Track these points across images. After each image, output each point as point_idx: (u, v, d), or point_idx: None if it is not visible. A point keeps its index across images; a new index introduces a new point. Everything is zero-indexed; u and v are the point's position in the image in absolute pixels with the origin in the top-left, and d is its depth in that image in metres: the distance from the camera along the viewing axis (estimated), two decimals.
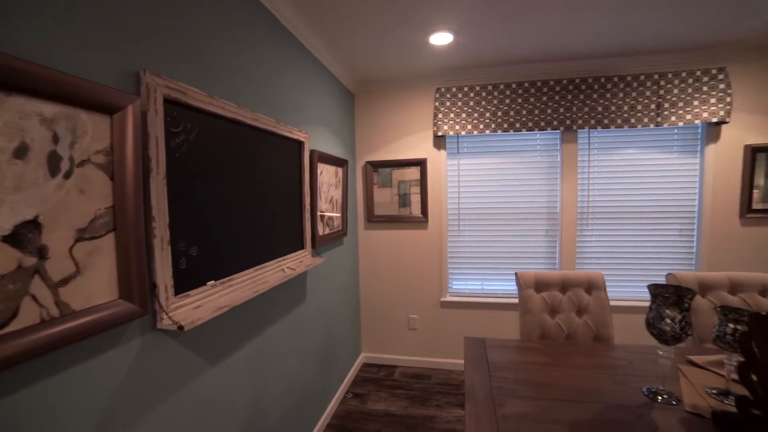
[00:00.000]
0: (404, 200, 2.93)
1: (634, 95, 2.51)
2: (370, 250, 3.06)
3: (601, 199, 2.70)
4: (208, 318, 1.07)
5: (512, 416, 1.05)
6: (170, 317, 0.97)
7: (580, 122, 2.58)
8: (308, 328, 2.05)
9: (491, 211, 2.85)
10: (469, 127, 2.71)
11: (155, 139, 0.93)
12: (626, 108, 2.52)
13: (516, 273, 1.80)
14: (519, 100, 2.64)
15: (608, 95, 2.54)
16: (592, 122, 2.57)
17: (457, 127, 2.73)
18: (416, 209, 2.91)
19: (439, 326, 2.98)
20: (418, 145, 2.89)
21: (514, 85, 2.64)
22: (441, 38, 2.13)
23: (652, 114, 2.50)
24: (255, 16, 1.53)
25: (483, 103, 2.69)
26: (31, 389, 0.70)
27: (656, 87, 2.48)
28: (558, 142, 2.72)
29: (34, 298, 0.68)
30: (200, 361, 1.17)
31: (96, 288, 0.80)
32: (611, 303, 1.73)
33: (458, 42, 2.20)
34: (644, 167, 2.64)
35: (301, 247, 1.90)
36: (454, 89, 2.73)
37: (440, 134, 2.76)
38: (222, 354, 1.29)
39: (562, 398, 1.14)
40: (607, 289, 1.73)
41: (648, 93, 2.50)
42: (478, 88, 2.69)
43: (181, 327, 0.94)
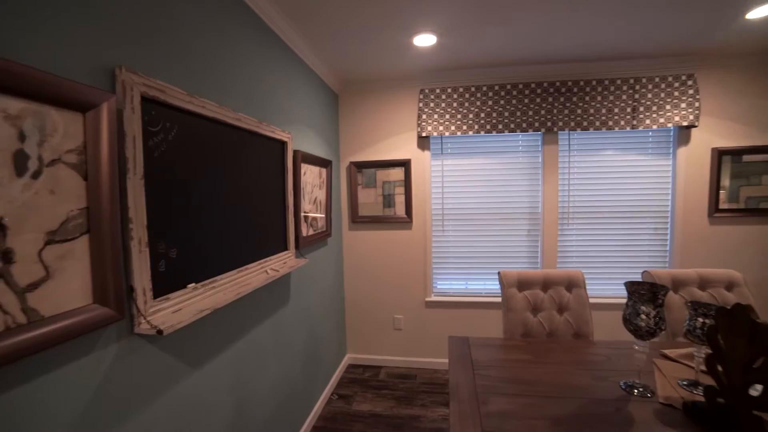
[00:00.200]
0: (388, 201, 2.94)
1: (612, 99, 2.59)
2: (355, 251, 3.05)
3: (581, 200, 2.78)
4: (189, 321, 1.04)
5: (496, 413, 1.07)
6: (148, 321, 0.94)
7: (561, 124, 2.64)
8: (292, 330, 2.03)
9: (475, 212, 2.88)
10: (453, 128, 2.74)
11: (132, 139, 0.90)
12: (604, 111, 2.60)
13: (499, 272, 1.83)
14: (501, 102, 2.69)
15: (587, 98, 2.61)
16: (572, 124, 2.63)
17: (441, 128, 2.75)
18: (400, 210, 2.92)
19: (424, 326, 3.00)
20: (403, 146, 2.90)
21: (497, 87, 2.69)
22: (424, 40, 2.14)
23: (628, 117, 2.58)
24: (238, 16, 1.51)
25: (466, 105, 2.72)
26: None
27: (632, 91, 2.57)
28: (539, 144, 2.77)
29: None
30: (181, 366, 1.14)
31: (68, 293, 0.77)
32: (591, 300, 1.78)
33: (441, 44, 2.22)
34: (621, 168, 2.73)
35: (285, 249, 1.88)
36: (438, 90, 2.75)
37: (424, 135, 2.77)
38: (204, 357, 1.26)
39: (544, 394, 1.16)
40: (587, 287, 1.78)
41: (624, 97, 2.58)
42: (462, 90, 2.72)
43: (160, 331, 0.91)
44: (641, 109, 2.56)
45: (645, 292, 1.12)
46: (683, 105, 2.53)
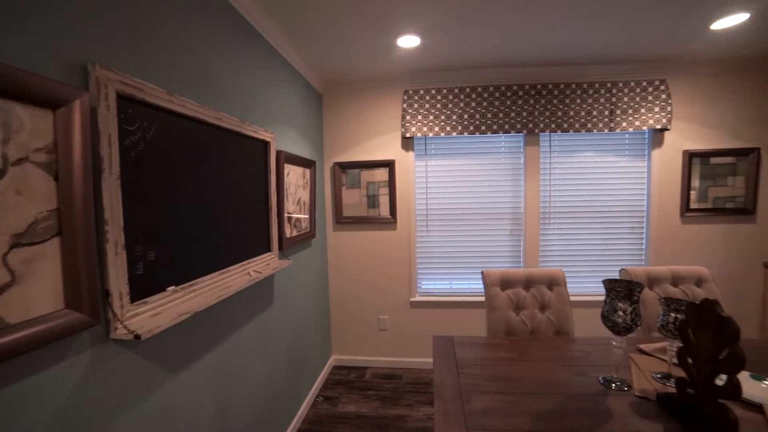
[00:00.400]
0: (373, 201, 2.93)
1: (590, 102, 2.67)
2: (339, 252, 3.03)
3: (562, 200, 2.84)
4: (169, 325, 1.02)
5: (479, 411, 1.08)
6: (125, 326, 0.91)
7: (542, 126, 2.70)
8: (276, 332, 2.00)
9: (459, 212, 2.91)
10: (437, 129, 2.76)
11: (107, 137, 0.87)
12: (583, 113, 2.67)
13: (482, 272, 1.85)
14: (484, 104, 2.72)
15: (567, 101, 2.68)
16: (553, 126, 2.70)
17: (425, 129, 2.77)
18: (385, 210, 2.93)
19: (409, 326, 3.01)
20: (387, 147, 2.91)
21: (480, 89, 2.72)
22: (408, 41, 2.15)
23: (606, 120, 2.66)
24: (220, 13, 1.48)
25: (450, 106, 2.75)
26: None
27: (609, 95, 2.65)
28: (521, 145, 2.83)
29: None
30: (161, 371, 1.11)
31: (37, 298, 0.73)
32: (571, 298, 1.82)
33: (425, 45, 2.23)
34: (600, 169, 2.81)
35: (268, 250, 1.85)
36: (422, 91, 2.77)
37: (408, 136, 2.79)
38: (185, 362, 1.23)
39: (527, 391, 1.19)
40: (568, 285, 1.82)
41: (602, 100, 2.66)
42: (445, 91, 2.75)
43: (138, 336, 0.89)
44: (618, 112, 2.65)
45: (622, 290, 1.16)
46: (657, 109, 2.63)
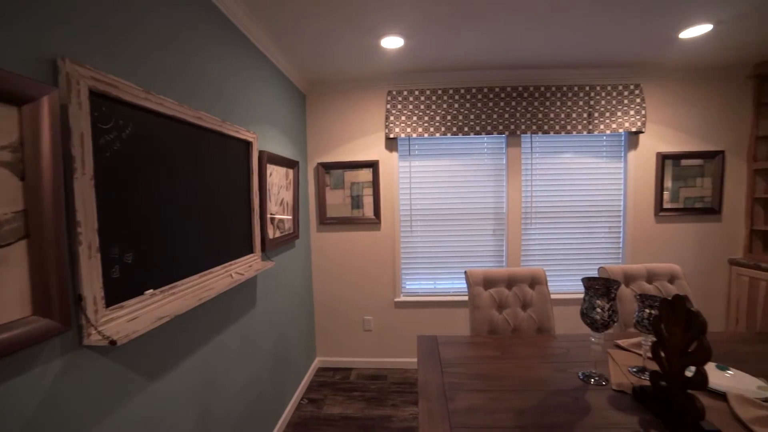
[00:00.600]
0: (357, 202, 2.93)
1: (570, 104, 2.74)
2: (324, 253, 3.01)
3: (543, 200, 2.90)
4: (147, 330, 0.99)
5: (463, 409, 1.09)
6: (99, 332, 0.88)
7: (523, 127, 2.75)
8: (259, 335, 1.97)
9: (442, 212, 2.94)
10: (420, 130, 2.78)
11: (80, 136, 0.83)
12: (563, 116, 2.74)
13: (465, 271, 1.87)
14: (467, 105, 2.76)
15: (547, 103, 2.74)
16: (534, 128, 2.75)
17: (409, 130, 2.78)
18: (369, 211, 2.92)
19: (394, 326, 3.01)
20: (371, 147, 2.91)
21: (463, 91, 2.76)
22: (392, 42, 2.16)
23: (585, 122, 2.74)
24: (203, 13, 1.46)
25: (433, 107, 2.77)
26: None
27: (588, 98, 2.73)
28: (503, 146, 2.88)
29: None
30: (138, 377, 1.08)
31: (1, 304, 0.70)
32: (552, 296, 1.86)
33: (409, 46, 2.24)
34: (579, 170, 2.89)
35: (251, 251, 1.82)
36: (406, 92, 2.78)
37: (392, 136, 2.79)
38: (165, 367, 1.20)
39: (509, 388, 1.20)
40: (549, 284, 1.86)
41: (581, 103, 2.73)
42: (429, 92, 2.77)
43: (113, 342, 0.86)
44: (596, 115, 2.73)
45: (600, 287, 1.19)
46: (632, 112, 2.72)
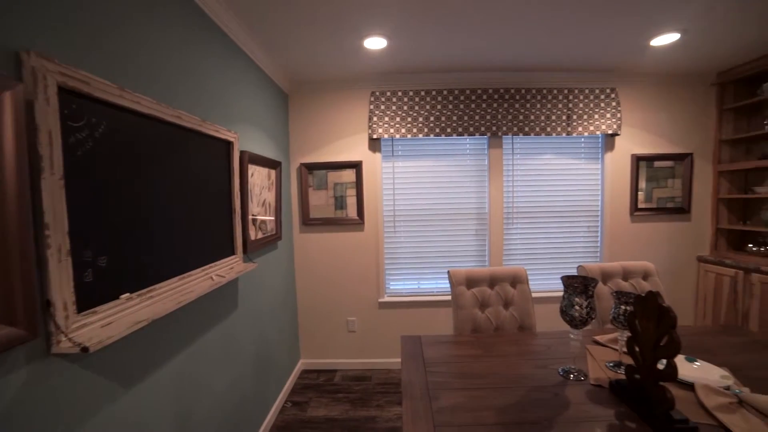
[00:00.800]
0: (340, 202, 2.91)
1: (549, 107, 2.80)
2: (307, 254, 2.99)
3: (524, 200, 2.96)
4: (122, 335, 0.95)
5: (447, 408, 1.10)
6: (70, 339, 0.84)
7: (505, 129, 2.80)
8: (241, 338, 1.94)
9: (425, 213, 2.96)
10: (403, 131, 2.79)
11: (47, 134, 0.80)
12: (543, 118, 2.80)
13: (448, 271, 1.89)
14: (450, 107, 2.79)
15: (528, 105, 2.80)
16: (515, 129, 2.81)
17: (392, 131, 2.79)
18: (352, 211, 2.91)
19: (378, 327, 3.01)
20: (354, 148, 2.90)
21: (445, 92, 2.78)
22: (375, 43, 2.16)
23: (564, 124, 2.81)
24: (183, 11, 1.43)
25: (416, 108, 2.79)
26: None
27: (566, 101, 2.80)
28: (485, 147, 2.92)
29: None
30: (114, 385, 1.04)
31: None
32: (533, 295, 1.90)
33: (391, 47, 2.25)
34: (558, 171, 2.96)
35: (232, 253, 1.79)
36: (389, 93, 2.79)
37: (375, 137, 2.79)
38: (142, 373, 1.16)
39: (492, 386, 1.22)
40: (530, 282, 1.90)
41: (560, 105, 2.80)
42: (412, 93, 2.78)
43: (86, 349, 0.82)
44: (574, 117, 2.80)
45: (578, 285, 1.23)
46: (608, 115, 2.81)
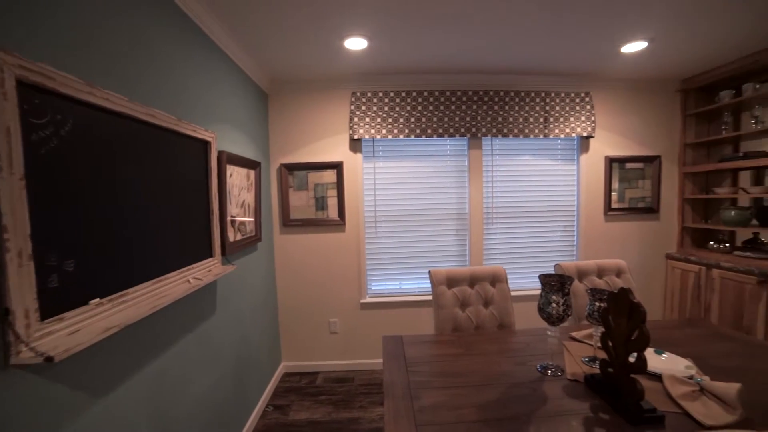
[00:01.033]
0: (321, 203, 2.89)
1: (527, 109, 2.87)
2: (287, 256, 2.95)
3: (503, 201, 3.02)
4: (91, 342, 0.91)
5: (428, 407, 1.11)
6: (32, 348, 0.80)
7: (484, 130, 2.85)
8: (220, 342, 1.89)
9: (406, 213, 2.97)
10: (384, 132, 2.79)
11: (5, 131, 0.76)
12: (521, 120, 2.87)
13: (429, 271, 1.90)
14: (430, 108, 2.81)
15: (507, 107, 2.86)
16: (494, 131, 2.86)
17: (373, 131, 2.79)
18: (333, 212, 2.90)
19: (360, 328, 3.00)
20: (335, 148, 2.88)
21: (426, 93, 2.81)
22: (356, 43, 2.16)
23: (541, 126, 2.88)
24: (159, 7, 1.39)
25: (397, 109, 2.80)
26: None
27: (543, 103, 2.88)
28: (465, 148, 2.96)
29: None
30: (83, 394, 0.99)
31: None
32: (512, 293, 1.94)
33: (372, 48, 2.25)
34: (536, 172, 3.03)
35: (210, 255, 1.75)
36: (370, 94, 2.79)
37: (356, 137, 2.79)
38: (115, 381, 1.11)
39: (472, 384, 1.24)
40: (509, 281, 1.94)
41: (537, 108, 2.88)
42: (393, 94, 2.79)
43: (50, 358, 0.78)
44: (551, 120, 2.88)
45: (555, 283, 1.26)
46: (583, 118, 2.90)
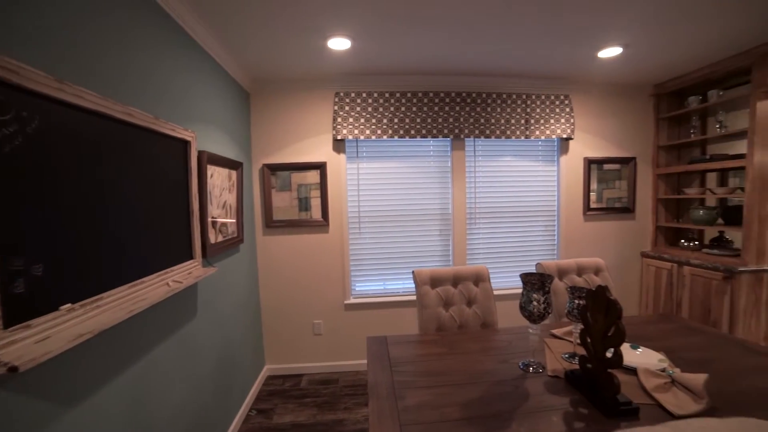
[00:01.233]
0: (304, 204, 2.86)
1: (509, 111, 2.92)
2: (270, 257, 2.91)
3: (486, 201, 3.07)
4: (62, 350, 0.87)
5: (412, 407, 1.11)
6: None
7: (467, 131, 2.89)
8: (201, 347, 1.84)
9: (390, 214, 2.98)
10: (368, 132, 2.79)
11: None
12: (503, 121, 2.92)
13: (413, 271, 1.91)
14: (414, 109, 2.83)
15: (489, 109, 2.90)
16: (477, 132, 2.90)
17: (356, 132, 2.79)
18: (317, 213, 2.87)
19: (345, 329, 2.99)
20: (318, 149, 2.86)
21: (409, 94, 2.82)
22: (339, 43, 2.15)
23: (522, 128, 2.94)
24: (136, 4, 1.36)
25: (381, 110, 2.80)
26: None
27: (525, 105, 2.94)
28: (448, 149, 2.99)
29: None
30: (52, 407, 0.95)
31: None
32: (495, 292, 1.96)
33: (356, 48, 2.25)
34: (518, 173, 3.09)
35: (190, 257, 1.70)
36: (353, 94, 2.78)
37: (339, 138, 2.78)
38: (86, 391, 1.07)
39: (456, 383, 1.25)
40: (491, 280, 1.97)
41: (519, 110, 2.93)
42: (376, 95, 2.79)
43: (14, 368, 0.74)
44: (532, 122, 2.94)
45: (535, 282, 1.28)
46: (563, 120, 2.97)
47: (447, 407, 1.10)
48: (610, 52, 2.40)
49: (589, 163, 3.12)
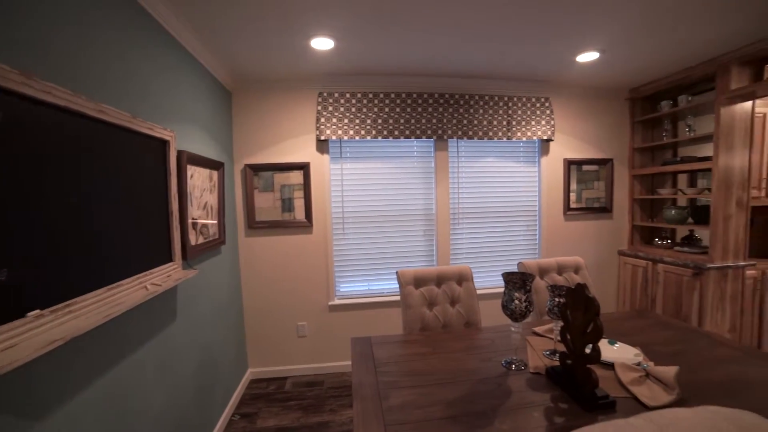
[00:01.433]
0: (287, 205, 2.83)
1: (491, 112, 2.97)
2: (253, 259, 2.86)
3: (469, 201, 3.10)
4: (29, 359, 0.83)
5: (397, 407, 1.12)
6: None
7: (450, 132, 2.92)
8: (182, 351, 1.80)
9: (374, 214, 2.98)
10: (351, 132, 2.79)
11: None
12: (485, 122, 2.96)
13: (397, 272, 1.92)
14: (397, 109, 2.84)
15: (471, 110, 2.94)
16: (459, 133, 2.93)
17: (340, 132, 2.78)
18: (300, 214, 2.85)
19: (329, 330, 2.97)
20: (301, 149, 2.84)
21: (393, 95, 2.83)
22: (322, 43, 2.14)
23: (504, 129, 2.99)
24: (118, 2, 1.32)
25: (364, 110, 2.80)
26: None
27: (506, 107, 2.99)
28: (432, 150, 3.01)
29: None
30: (18, 420, 0.90)
31: None
32: (478, 292, 1.99)
33: (339, 48, 2.24)
34: (500, 174, 3.14)
35: (169, 260, 1.66)
36: (337, 95, 2.77)
37: (323, 138, 2.76)
38: (60, 400, 1.03)
39: (440, 382, 1.26)
40: (475, 280, 1.99)
41: (501, 111, 2.98)
42: (360, 95, 2.79)
43: None
44: (514, 123, 3.00)
45: (517, 281, 1.31)
46: (543, 122, 3.04)
47: (431, 406, 1.11)
48: (588, 57, 2.47)
49: (569, 164, 3.20)
